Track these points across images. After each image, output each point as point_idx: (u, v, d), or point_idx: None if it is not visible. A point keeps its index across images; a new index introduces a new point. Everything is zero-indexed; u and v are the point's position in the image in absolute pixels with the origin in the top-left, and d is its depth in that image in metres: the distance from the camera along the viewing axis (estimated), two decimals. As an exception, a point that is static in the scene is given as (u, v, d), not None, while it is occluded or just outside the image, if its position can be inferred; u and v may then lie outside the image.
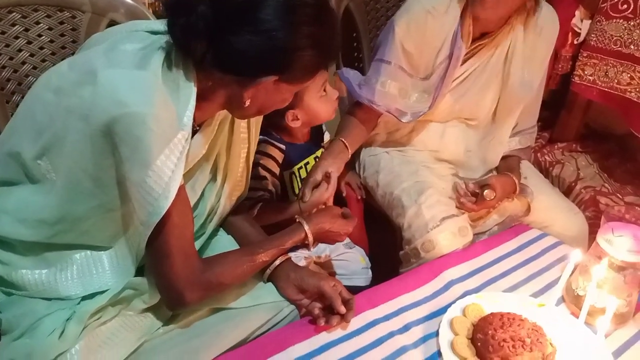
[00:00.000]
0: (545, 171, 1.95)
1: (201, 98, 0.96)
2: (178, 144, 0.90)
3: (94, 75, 0.88)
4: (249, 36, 0.88)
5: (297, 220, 1.20)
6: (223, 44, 0.89)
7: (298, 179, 1.47)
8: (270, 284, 1.18)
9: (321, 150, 1.52)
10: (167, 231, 0.93)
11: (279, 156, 1.43)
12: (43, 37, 1.31)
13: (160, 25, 0.98)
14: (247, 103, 0.96)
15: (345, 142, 1.46)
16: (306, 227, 1.19)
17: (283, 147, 1.43)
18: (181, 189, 0.93)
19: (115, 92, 0.86)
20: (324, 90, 1.38)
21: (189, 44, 0.90)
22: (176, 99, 0.91)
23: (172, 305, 1.03)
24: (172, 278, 0.97)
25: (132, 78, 0.88)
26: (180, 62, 0.93)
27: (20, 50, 1.29)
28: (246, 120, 1.17)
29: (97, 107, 0.87)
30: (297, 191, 1.47)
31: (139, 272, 1.06)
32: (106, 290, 1.03)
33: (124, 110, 0.84)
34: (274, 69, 0.92)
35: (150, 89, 0.87)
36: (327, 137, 1.64)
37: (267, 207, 1.38)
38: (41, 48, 1.31)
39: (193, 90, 0.93)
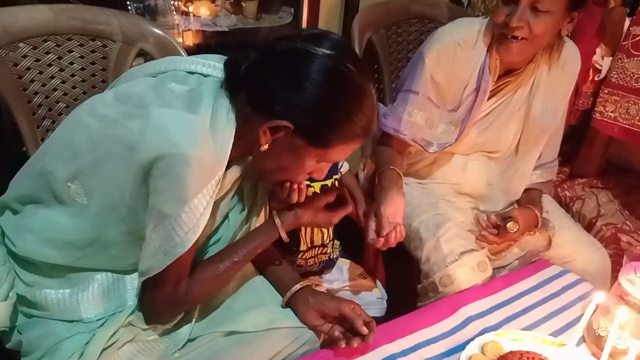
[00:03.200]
0: (565, 207, 1.93)
1: (237, 139, 0.99)
2: (214, 183, 0.95)
3: (146, 111, 0.93)
4: (283, 79, 0.93)
5: (273, 216, 1.15)
6: (258, 81, 0.95)
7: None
8: (288, 308, 1.17)
9: (331, 180, 1.52)
10: (172, 262, 0.95)
11: None
12: (75, 64, 1.36)
13: (197, 66, 1.04)
14: (264, 147, 0.98)
15: (396, 169, 1.46)
16: (280, 228, 1.13)
17: None
18: None
19: (167, 132, 0.90)
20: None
21: (231, 78, 0.97)
22: (218, 142, 0.95)
23: (148, 320, 1.05)
24: (157, 302, 1.02)
25: (183, 120, 0.92)
26: (225, 106, 0.98)
27: (52, 77, 1.34)
28: None
29: (146, 142, 0.91)
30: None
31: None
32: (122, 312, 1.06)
33: (172, 150, 0.89)
34: (291, 115, 0.94)
35: (199, 133, 0.92)
36: (345, 167, 1.65)
37: None
38: (72, 75, 1.37)
39: (231, 134, 0.98)
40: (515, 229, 1.46)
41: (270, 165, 1.03)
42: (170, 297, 1.01)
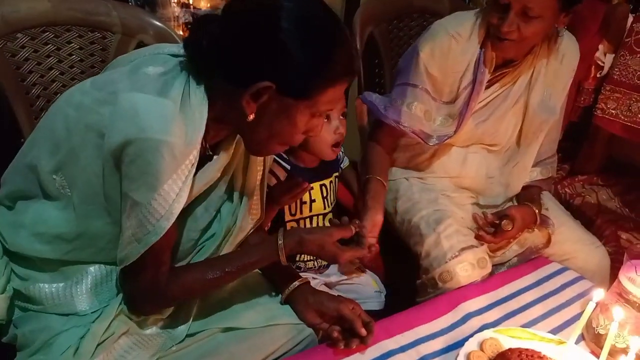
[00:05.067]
0: (565, 203, 1.93)
1: (215, 120, 0.98)
2: (185, 169, 0.92)
3: (116, 96, 0.91)
4: (242, 40, 0.90)
5: (278, 238, 1.07)
6: (221, 51, 0.92)
7: (298, 201, 1.45)
8: (287, 305, 1.17)
9: (330, 179, 1.51)
10: (150, 249, 0.94)
11: (282, 175, 1.42)
12: (73, 56, 1.35)
13: (180, 49, 1.01)
14: (251, 117, 0.94)
15: (381, 180, 1.51)
16: (280, 251, 1.07)
17: (288, 167, 1.43)
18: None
19: (135, 116, 0.88)
20: (327, 117, 1.34)
21: (196, 58, 0.94)
22: (190, 125, 0.93)
23: (131, 310, 1.04)
24: (134, 290, 1.01)
25: (153, 104, 0.90)
26: (197, 87, 0.95)
27: (50, 69, 1.33)
28: None
29: (115, 127, 0.89)
30: (296, 213, 1.46)
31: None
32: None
33: (141, 135, 0.87)
34: (266, 73, 0.90)
35: (169, 117, 0.90)
36: (346, 162, 1.64)
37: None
38: (71, 67, 1.35)
39: (204, 115, 0.95)
40: (510, 227, 1.46)
41: (263, 135, 0.99)
42: (149, 287, 0.99)
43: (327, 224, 1.52)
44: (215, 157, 1.05)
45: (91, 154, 0.94)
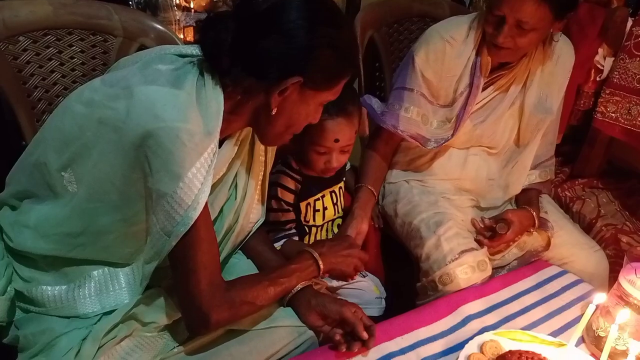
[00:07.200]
0: (565, 207, 1.93)
1: (230, 113, 0.99)
2: (208, 157, 0.93)
3: (130, 90, 0.92)
4: (272, 39, 0.93)
5: (311, 254, 1.20)
6: (249, 50, 0.94)
7: (312, 209, 1.47)
8: (289, 307, 1.17)
9: (339, 185, 1.52)
10: (194, 245, 0.94)
11: (295, 187, 1.43)
12: (75, 59, 1.35)
13: (188, 49, 1.04)
14: (275, 111, 0.98)
15: (372, 189, 1.54)
16: (321, 264, 1.20)
17: (299, 178, 1.43)
18: (205, 205, 0.94)
19: (152, 107, 0.89)
20: (325, 152, 1.36)
21: (217, 56, 0.96)
22: (206, 116, 0.94)
23: (195, 326, 1.02)
24: (198, 296, 0.96)
25: (168, 95, 0.91)
26: (211, 80, 0.97)
27: (52, 72, 1.33)
28: None
29: (132, 120, 0.90)
30: (310, 220, 1.47)
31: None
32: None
33: (159, 124, 0.88)
34: (297, 69, 0.95)
35: (185, 106, 0.91)
36: (347, 165, 1.64)
37: (288, 246, 1.39)
38: (72, 70, 1.36)
39: (221, 106, 0.96)
40: (504, 231, 1.47)
41: (280, 127, 1.04)
42: (210, 291, 0.97)
43: (335, 229, 1.53)
44: (220, 149, 1.06)
45: (104, 149, 0.94)
